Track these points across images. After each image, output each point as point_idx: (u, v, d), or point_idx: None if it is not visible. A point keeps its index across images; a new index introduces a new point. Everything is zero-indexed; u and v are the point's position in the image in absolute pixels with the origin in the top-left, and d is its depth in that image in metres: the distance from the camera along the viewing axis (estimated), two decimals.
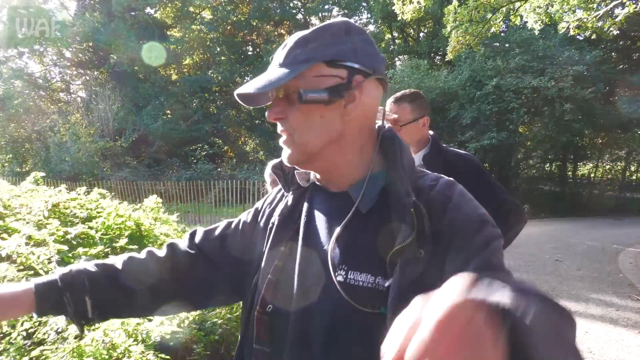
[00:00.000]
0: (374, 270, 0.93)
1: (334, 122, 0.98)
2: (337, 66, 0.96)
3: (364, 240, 0.97)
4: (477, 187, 2.23)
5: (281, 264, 1.08)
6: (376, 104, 1.03)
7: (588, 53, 17.22)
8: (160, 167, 23.72)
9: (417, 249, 0.89)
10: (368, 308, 0.90)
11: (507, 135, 16.81)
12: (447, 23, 11.04)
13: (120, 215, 4.59)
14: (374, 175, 1.03)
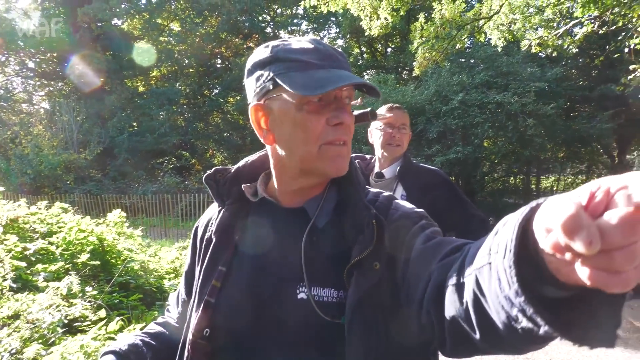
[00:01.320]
0: (336, 284, 0.94)
1: None
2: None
3: (322, 255, 0.97)
4: (448, 201, 2.27)
5: (219, 285, 1.03)
6: None
7: (549, 70, 17.70)
8: (126, 180, 23.29)
9: (373, 261, 0.91)
10: (329, 318, 0.91)
11: (472, 150, 17.08)
12: (414, 39, 11.21)
13: (82, 230, 4.49)
14: (331, 190, 1.06)
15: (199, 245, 1.15)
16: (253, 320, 0.97)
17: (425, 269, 0.85)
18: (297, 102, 0.95)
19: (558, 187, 24.08)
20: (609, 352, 4.92)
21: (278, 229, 1.04)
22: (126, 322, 3.33)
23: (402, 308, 0.89)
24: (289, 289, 0.96)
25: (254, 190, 1.12)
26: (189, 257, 1.24)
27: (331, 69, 0.96)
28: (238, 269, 1.04)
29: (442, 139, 17.32)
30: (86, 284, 3.79)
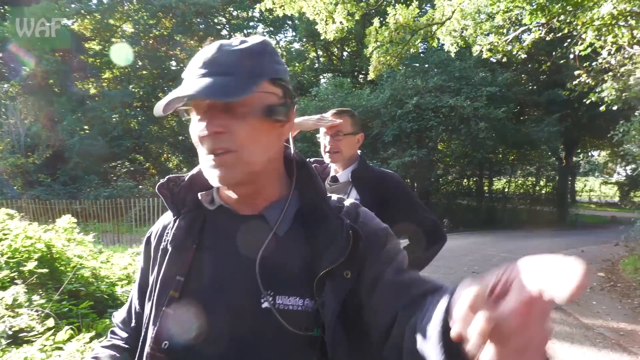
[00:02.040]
0: (302, 293, 0.91)
1: (275, 141, 0.96)
2: (277, 84, 0.93)
3: (285, 264, 0.94)
4: (400, 204, 2.30)
5: (177, 295, 0.99)
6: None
7: (500, 75, 18.26)
8: (77, 184, 22.61)
9: (345, 270, 0.90)
10: (301, 331, 0.88)
11: (426, 152, 17.42)
12: (369, 43, 11.33)
13: (29, 237, 4.34)
14: (293, 196, 1.01)
15: (153, 254, 1.09)
16: (212, 333, 0.93)
17: (392, 304, 0.86)
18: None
19: (509, 189, 24.75)
20: (557, 348, 5.09)
21: (237, 237, 1.00)
22: (76, 331, 3.24)
23: (363, 325, 0.90)
24: (251, 299, 0.92)
25: (210, 198, 1.07)
26: (142, 266, 1.16)
27: (199, 78, 0.89)
28: (196, 279, 0.99)
29: (398, 142, 17.57)
30: (33, 292, 3.66)
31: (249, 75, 0.89)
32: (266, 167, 0.96)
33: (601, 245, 13.40)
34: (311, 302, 0.90)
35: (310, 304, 0.90)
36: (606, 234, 15.84)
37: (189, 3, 25.94)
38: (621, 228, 12.02)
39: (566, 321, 6.15)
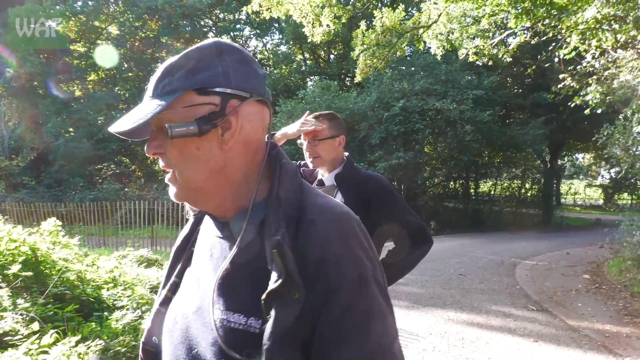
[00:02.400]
0: (247, 311, 0.85)
1: (213, 153, 0.90)
2: (209, 93, 0.88)
3: (238, 278, 0.88)
4: (384, 206, 2.30)
5: (170, 295, 1.02)
6: (259, 127, 0.95)
7: (486, 78, 18.39)
8: (62, 187, 22.41)
9: (291, 291, 0.79)
10: (243, 356, 0.81)
11: (413, 155, 17.47)
12: (356, 46, 11.38)
13: (14, 240, 4.29)
14: (257, 206, 0.92)
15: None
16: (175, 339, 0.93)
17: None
18: None
19: (495, 191, 24.91)
20: (543, 350, 5.13)
21: (211, 243, 0.98)
22: (61, 335, 3.20)
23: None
24: (203, 312, 0.90)
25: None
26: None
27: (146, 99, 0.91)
28: (185, 282, 1.00)
29: (385, 145, 17.61)
30: (18, 296, 3.62)
31: (161, 95, 0.88)
32: (214, 180, 0.92)
33: (586, 248, 13.55)
34: (256, 321, 0.83)
35: (255, 323, 0.83)
36: (591, 236, 16.01)
37: (175, 5, 25.86)
38: (606, 230, 12.15)
39: (552, 323, 6.20)
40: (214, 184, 0.92)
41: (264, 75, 0.96)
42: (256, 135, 0.94)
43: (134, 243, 10.79)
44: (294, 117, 17.28)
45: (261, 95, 0.93)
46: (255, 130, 0.94)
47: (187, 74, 0.88)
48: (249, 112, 0.92)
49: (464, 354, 4.98)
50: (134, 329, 3.75)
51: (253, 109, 0.93)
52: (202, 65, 0.89)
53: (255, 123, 0.93)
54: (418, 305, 6.94)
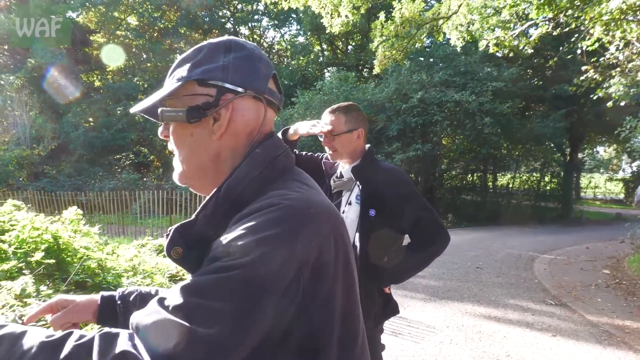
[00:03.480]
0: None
1: (204, 141, 0.97)
2: (207, 85, 0.95)
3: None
4: (399, 201, 2.28)
5: None
6: (253, 122, 0.99)
7: (506, 70, 18.15)
8: (82, 176, 22.71)
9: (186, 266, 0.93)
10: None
11: (431, 147, 17.36)
12: (374, 37, 11.29)
13: (37, 228, 4.36)
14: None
15: None
16: None
17: None
18: None
19: (514, 185, 24.68)
20: (561, 345, 5.09)
21: None
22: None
23: None
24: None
25: None
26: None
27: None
28: None
29: (402, 137, 17.52)
30: (41, 283, 3.68)
31: (171, 83, 0.98)
32: (206, 168, 0.99)
33: (606, 242, 13.38)
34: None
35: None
36: (611, 231, 15.81)
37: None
38: (626, 225, 11.99)
39: (571, 318, 6.15)
40: (206, 171, 1.00)
41: (267, 75, 1.01)
42: (247, 129, 0.99)
43: (152, 232, 10.91)
44: (311, 109, 17.25)
45: (258, 92, 0.98)
46: (247, 125, 0.98)
47: (192, 66, 0.97)
48: (243, 107, 0.97)
49: (481, 347, 4.96)
50: None
51: (247, 104, 0.98)
52: (206, 59, 0.97)
53: (248, 118, 0.98)
54: (435, 298, 6.92)
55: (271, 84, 1.02)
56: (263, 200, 0.87)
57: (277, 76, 1.06)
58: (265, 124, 1.01)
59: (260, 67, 0.99)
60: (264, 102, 0.99)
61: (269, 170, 0.95)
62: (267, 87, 1.00)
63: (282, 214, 0.83)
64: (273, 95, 1.02)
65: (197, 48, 1.00)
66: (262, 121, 1.00)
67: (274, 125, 1.08)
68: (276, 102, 1.03)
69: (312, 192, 0.96)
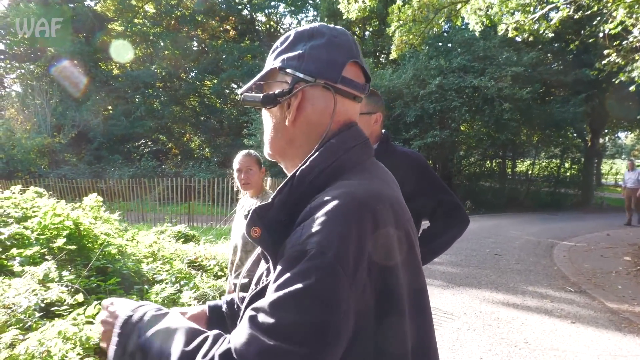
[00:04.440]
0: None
1: (281, 126, 1.02)
2: (285, 73, 1.00)
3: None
4: (417, 184, 2.27)
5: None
6: (323, 110, 1.00)
7: (525, 54, 17.86)
8: (102, 164, 23.00)
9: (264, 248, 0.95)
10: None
11: (449, 133, 17.23)
12: (392, 22, 11.18)
13: (58, 215, 4.43)
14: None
15: None
16: None
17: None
18: None
19: (533, 171, 24.41)
20: (581, 332, 5.06)
21: None
22: None
23: None
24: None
25: None
26: None
27: None
28: None
29: (420, 123, 17.40)
30: (63, 268, 3.75)
31: (264, 68, 1.05)
32: (284, 150, 1.06)
33: (627, 229, 13.21)
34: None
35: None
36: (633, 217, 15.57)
37: None
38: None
39: (591, 305, 6.09)
40: (284, 153, 1.07)
41: (342, 63, 1.00)
42: (320, 118, 1.01)
43: (171, 219, 11.02)
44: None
45: (329, 81, 0.99)
46: (319, 114, 1.00)
47: (278, 53, 1.03)
48: (313, 96, 1.00)
49: (499, 333, 4.95)
50: (173, 302, 3.84)
51: (318, 93, 1.00)
52: (290, 47, 1.02)
53: (319, 107, 1.00)
54: (452, 285, 6.91)
55: (350, 72, 1.02)
56: (331, 190, 0.88)
57: (362, 63, 1.06)
58: (341, 113, 1.02)
59: (336, 55, 1.00)
60: (332, 91, 0.99)
61: (342, 161, 0.97)
62: (341, 76, 1.00)
63: (348, 204, 0.83)
64: (349, 84, 1.01)
65: (286, 35, 1.04)
66: (331, 111, 1.00)
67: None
68: (353, 92, 1.03)
69: (380, 183, 0.97)
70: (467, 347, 4.58)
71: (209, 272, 5.60)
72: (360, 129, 1.06)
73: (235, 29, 29.71)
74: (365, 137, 1.05)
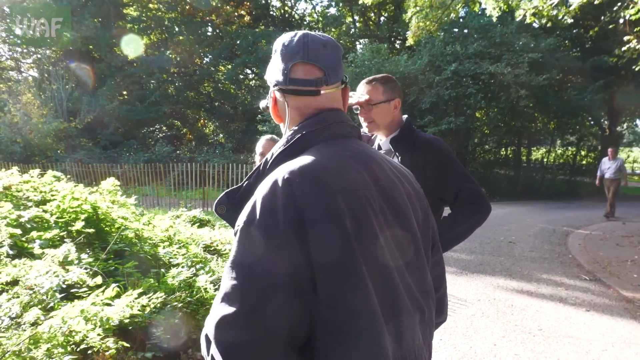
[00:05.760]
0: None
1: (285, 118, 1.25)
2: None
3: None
4: (438, 171, 2.26)
5: None
6: (283, 109, 1.23)
7: (543, 40, 17.61)
8: (117, 149, 23.17)
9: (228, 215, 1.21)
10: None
11: (464, 120, 17.09)
12: (408, 8, 11.09)
13: (76, 199, 4.49)
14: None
15: None
16: None
17: None
18: None
19: (548, 159, 24.19)
20: (595, 320, 5.04)
21: None
22: (122, 289, 3.36)
23: None
24: None
25: None
26: None
27: None
28: None
29: (435, 110, 17.28)
30: (81, 251, 3.81)
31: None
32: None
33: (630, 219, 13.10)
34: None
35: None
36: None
37: None
38: None
39: (605, 293, 6.07)
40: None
41: (285, 68, 1.21)
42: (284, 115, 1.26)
43: (186, 204, 11.10)
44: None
45: (281, 85, 1.21)
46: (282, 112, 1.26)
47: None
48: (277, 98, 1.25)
49: (512, 320, 4.95)
50: (189, 285, 3.89)
51: (278, 95, 1.24)
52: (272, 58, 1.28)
53: (280, 106, 1.26)
54: (466, 272, 6.91)
55: (299, 72, 1.18)
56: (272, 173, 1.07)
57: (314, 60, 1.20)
58: (302, 107, 1.21)
59: (285, 61, 1.19)
60: (281, 93, 1.22)
61: (291, 147, 1.15)
62: (289, 78, 1.18)
63: (271, 182, 1.01)
64: (298, 83, 1.18)
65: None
66: (287, 107, 1.22)
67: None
68: (304, 88, 1.18)
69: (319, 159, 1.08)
70: (481, 334, 4.59)
71: (224, 257, 5.65)
72: (329, 114, 1.20)
73: (249, 14, 29.57)
74: (335, 119, 1.19)
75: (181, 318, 3.42)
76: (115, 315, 2.67)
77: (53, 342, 2.24)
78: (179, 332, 3.33)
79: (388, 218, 1.09)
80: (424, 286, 1.15)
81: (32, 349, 2.21)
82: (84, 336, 2.36)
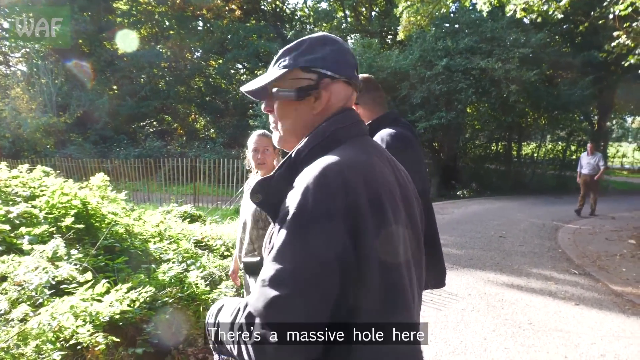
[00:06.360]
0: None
1: (304, 115, 1.22)
2: (310, 71, 1.20)
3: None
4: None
5: None
6: (342, 101, 1.24)
7: (533, 36, 17.65)
8: (107, 144, 23.01)
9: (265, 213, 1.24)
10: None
11: (455, 115, 17.11)
12: (399, 2, 11.07)
13: (66, 194, 4.46)
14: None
15: None
16: None
17: None
18: None
19: (539, 154, 24.31)
20: (584, 313, 5.09)
21: None
22: (112, 285, 3.35)
23: None
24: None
25: None
26: None
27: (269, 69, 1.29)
28: None
29: (426, 105, 17.29)
30: (71, 247, 3.78)
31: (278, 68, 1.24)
32: (300, 134, 1.23)
33: (633, 213, 13.20)
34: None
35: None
36: (638, 201, 15.54)
37: None
38: None
39: (595, 287, 6.12)
40: (298, 137, 1.23)
41: (355, 64, 1.28)
42: (336, 107, 1.24)
43: (177, 199, 11.06)
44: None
45: (349, 78, 1.24)
46: (336, 104, 1.23)
47: (297, 55, 1.22)
48: (338, 90, 1.23)
49: (503, 314, 4.98)
50: (179, 281, 3.88)
51: (340, 87, 1.23)
52: (308, 50, 1.23)
53: (340, 98, 1.24)
54: (457, 266, 6.94)
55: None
56: (314, 163, 1.08)
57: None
58: (345, 101, 1.25)
59: (350, 59, 1.26)
60: (352, 86, 1.26)
61: (328, 140, 1.17)
62: (354, 74, 1.26)
63: (321, 171, 1.03)
64: (356, 79, 1.28)
65: (300, 41, 1.25)
66: (347, 100, 1.25)
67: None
68: (359, 85, 1.29)
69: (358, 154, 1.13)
70: (471, 328, 4.62)
71: (215, 252, 5.64)
72: (353, 112, 1.26)
73: (240, 9, 29.40)
74: (357, 118, 1.26)
75: (172, 314, 3.41)
76: (105, 310, 2.65)
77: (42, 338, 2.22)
78: (170, 328, 3.32)
79: (404, 214, 1.16)
80: (420, 282, 1.23)
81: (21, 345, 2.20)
82: (74, 332, 2.35)
